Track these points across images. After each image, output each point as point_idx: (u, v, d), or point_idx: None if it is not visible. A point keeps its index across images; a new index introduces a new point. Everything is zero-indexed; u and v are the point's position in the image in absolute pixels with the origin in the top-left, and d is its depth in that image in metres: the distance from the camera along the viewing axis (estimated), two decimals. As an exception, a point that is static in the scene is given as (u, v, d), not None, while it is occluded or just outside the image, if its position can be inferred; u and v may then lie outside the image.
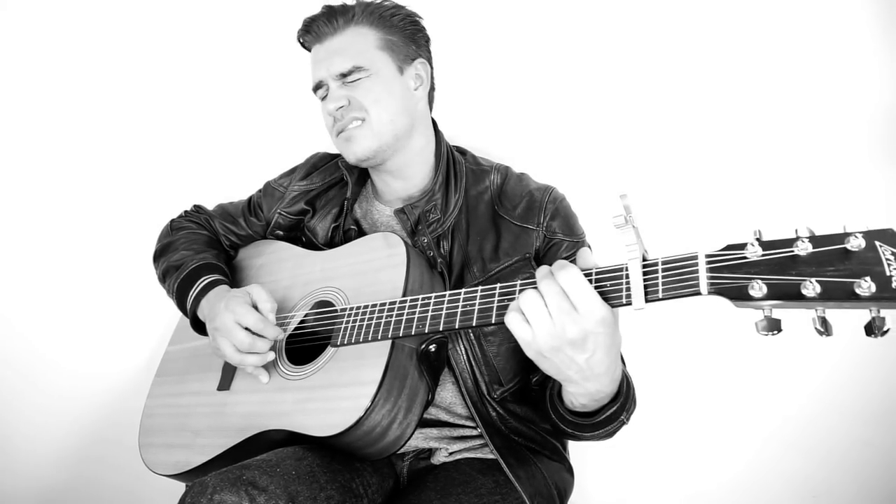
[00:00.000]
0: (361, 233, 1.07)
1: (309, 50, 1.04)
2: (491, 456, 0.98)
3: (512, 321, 0.66)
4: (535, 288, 0.65)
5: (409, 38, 1.02)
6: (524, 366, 0.99)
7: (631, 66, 1.34)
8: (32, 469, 1.47)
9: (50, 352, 1.47)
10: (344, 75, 0.97)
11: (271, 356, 0.92)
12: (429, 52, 1.07)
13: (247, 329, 0.90)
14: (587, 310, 0.63)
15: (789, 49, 1.26)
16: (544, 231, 0.99)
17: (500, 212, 1.01)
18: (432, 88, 1.09)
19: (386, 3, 1.02)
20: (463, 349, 0.95)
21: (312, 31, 1.00)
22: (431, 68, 1.08)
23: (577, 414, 0.82)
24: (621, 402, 0.79)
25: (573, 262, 0.97)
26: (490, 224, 1.01)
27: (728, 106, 1.29)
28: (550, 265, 0.97)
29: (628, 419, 0.84)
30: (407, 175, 1.05)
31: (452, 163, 1.06)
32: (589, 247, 1.04)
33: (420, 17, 1.06)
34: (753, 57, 1.27)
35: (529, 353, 0.68)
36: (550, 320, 0.64)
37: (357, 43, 0.97)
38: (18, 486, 1.47)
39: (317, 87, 1.02)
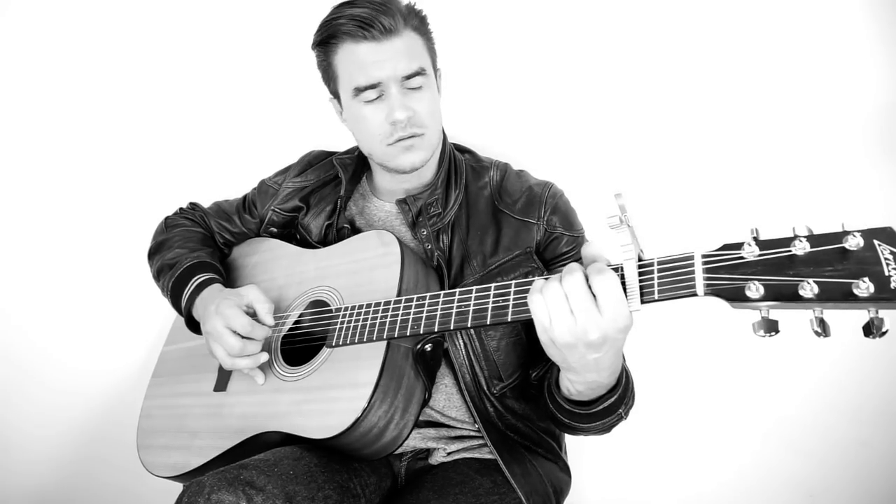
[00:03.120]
0: (355, 231, 1.06)
1: (331, 45, 0.94)
2: (489, 456, 0.98)
3: (534, 302, 0.65)
4: (559, 281, 0.64)
5: (433, 45, 1.01)
6: (524, 360, 0.99)
7: (628, 65, 1.32)
8: (30, 466, 1.48)
9: (48, 348, 1.46)
10: (408, 77, 0.92)
11: (264, 357, 0.91)
12: None
13: (236, 333, 0.90)
14: (613, 317, 0.62)
15: (786, 47, 1.24)
16: (545, 225, 0.99)
17: (500, 206, 1.01)
18: None
19: (414, 4, 0.98)
20: (462, 343, 0.95)
21: (368, 28, 0.89)
22: None
23: (573, 402, 0.82)
24: (619, 395, 0.79)
25: (568, 257, 0.98)
26: (490, 219, 1.01)
27: (725, 104, 1.28)
28: (551, 261, 0.99)
29: (626, 414, 0.84)
30: (418, 176, 1.04)
31: (453, 160, 1.06)
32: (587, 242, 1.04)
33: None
34: (750, 55, 1.26)
35: (543, 337, 0.67)
36: (572, 318, 0.63)
37: (415, 45, 0.93)
38: (16, 484, 1.48)
39: (368, 88, 0.92)
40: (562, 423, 0.86)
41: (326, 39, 0.95)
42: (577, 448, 1.23)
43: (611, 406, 0.79)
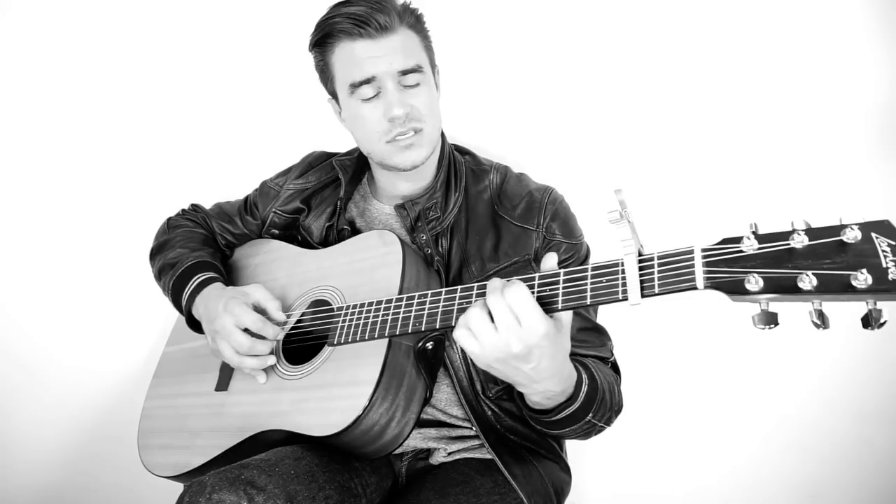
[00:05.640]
0: (355, 232, 1.06)
1: (328, 45, 0.96)
2: (489, 456, 0.98)
3: (460, 336, 0.68)
4: (483, 303, 0.67)
5: (431, 45, 1.02)
6: None
7: (627, 62, 1.33)
8: (31, 466, 1.48)
9: (50, 348, 1.47)
10: (405, 73, 0.93)
11: (272, 360, 0.92)
12: None
13: (246, 330, 0.90)
14: (530, 325, 0.65)
15: (785, 43, 1.25)
16: (544, 232, 0.99)
17: (499, 211, 1.01)
18: None
19: (409, 3, 0.99)
20: (458, 347, 0.95)
21: (363, 26, 0.91)
22: None
23: (536, 411, 0.83)
24: (581, 404, 0.79)
25: (566, 264, 0.99)
26: (489, 223, 1.01)
27: (724, 100, 1.29)
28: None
29: (604, 422, 0.86)
30: (417, 176, 1.04)
31: (453, 162, 1.06)
32: (588, 247, 1.04)
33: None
34: (749, 51, 1.27)
35: (479, 363, 0.70)
36: (496, 335, 0.66)
37: (412, 42, 0.95)
38: (18, 483, 1.47)
39: (363, 83, 0.93)
40: (535, 430, 0.89)
41: (323, 39, 0.96)
42: (578, 448, 1.22)
43: (574, 415, 0.80)
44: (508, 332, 0.65)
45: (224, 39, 1.47)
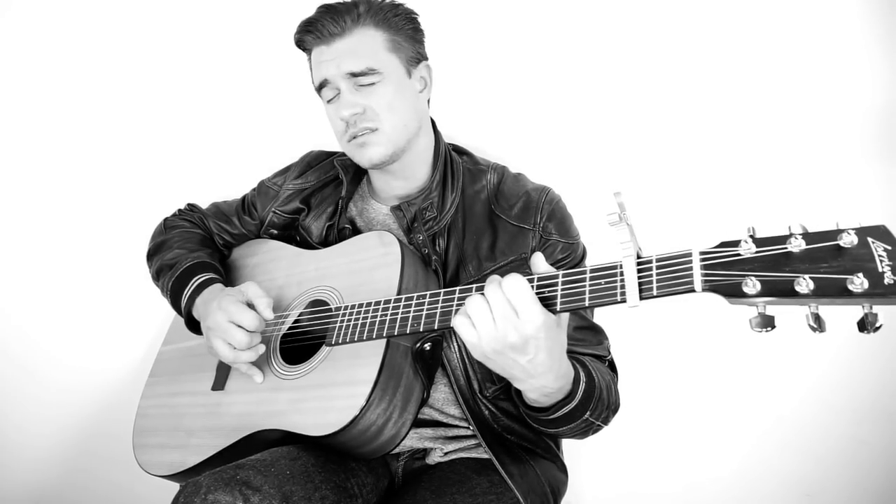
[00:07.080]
0: (356, 231, 1.07)
1: (307, 51, 1.01)
2: (486, 456, 0.98)
3: (460, 325, 0.69)
4: (483, 294, 0.68)
5: (412, 39, 1.00)
6: None
7: (626, 64, 1.34)
8: (28, 464, 1.47)
9: (48, 347, 1.46)
10: (355, 75, 0.94)
11: (262, 349, 0.91)
12: (425, 49, 1.06)
13: (241, 327, 0.90)
14: (527, 316, 0.66)
15: (783, 46, 1.26)
16: (540, 232, 0.99)
17: (496, 211, 1.01)
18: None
19: (385, 1, 0.99)
20: (456, 347, 0.96)
21: (315, 32, 0.95)
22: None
23: (534, 409, 0.84)
24: (579, 402, 0.80)
25: (562, 264, 0.99)
26: (486, 223, 1.01)
27: (722, 103, 1.29)
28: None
29: (601, 421, 0.86)
30: (408, 175, 1.05)
31: (450, 161, 1.06)
32: (584, 248, 1.05)
33: (416, 14, 1.04)
34: (747, 54, 1.28)
35: (475, 354, 0.70)
36: (494, 325, 0.67)
37: (367, 44, 0.94)
38: (14, 481, 1.47)
39: (321, 87, 0.98)
40: (533, 428, 0.89)
41: (299, 46, 1.02)
42: (575, 447, 1.23)
43: (572, 413, 0.80)
44: (506, 322, 0.66)
45: (221, 39, 1.46)
